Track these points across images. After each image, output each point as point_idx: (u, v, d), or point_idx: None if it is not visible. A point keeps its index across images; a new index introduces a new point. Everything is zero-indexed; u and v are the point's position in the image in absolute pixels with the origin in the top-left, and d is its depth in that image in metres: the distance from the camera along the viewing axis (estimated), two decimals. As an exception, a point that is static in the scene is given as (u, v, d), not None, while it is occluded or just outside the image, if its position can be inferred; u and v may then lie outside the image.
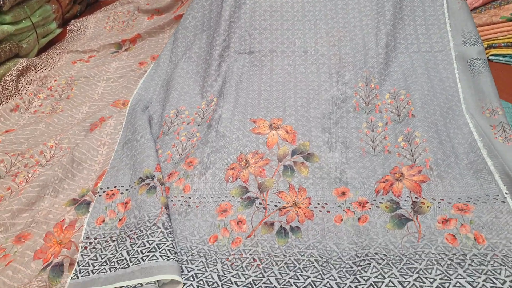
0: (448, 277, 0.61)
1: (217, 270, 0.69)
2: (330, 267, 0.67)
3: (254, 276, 0.67)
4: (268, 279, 0.66)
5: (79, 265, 0.72)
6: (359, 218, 0.74)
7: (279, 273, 0.67)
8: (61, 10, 1.73)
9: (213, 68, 1.15)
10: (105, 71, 1.39)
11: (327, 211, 0.77)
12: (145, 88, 1.19)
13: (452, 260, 0.63)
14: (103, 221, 0.80)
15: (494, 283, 0.59)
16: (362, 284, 0.62)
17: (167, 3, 1.75)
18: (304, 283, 0.65)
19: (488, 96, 0.95)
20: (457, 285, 0.59)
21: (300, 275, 0.66)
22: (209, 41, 1.20)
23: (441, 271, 0.62)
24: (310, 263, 0.68)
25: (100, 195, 0.86)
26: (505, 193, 0.71)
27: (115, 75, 1.36)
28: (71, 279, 0.70)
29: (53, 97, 1.28)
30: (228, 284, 0.66)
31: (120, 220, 0.80)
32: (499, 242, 0.65)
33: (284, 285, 0.65)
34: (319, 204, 0.79)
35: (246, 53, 1.15)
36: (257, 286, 0.65)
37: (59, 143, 1.04)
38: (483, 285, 0.59)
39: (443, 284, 0.60)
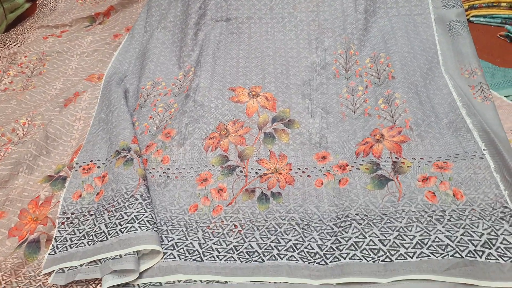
0: (427, 233, 0.61)
1: (198, 238, 0.68)
2: (311, 230, 0.67)
3: (236, 242, 0.66)
4: (250, 244, 0.66)
5: (56, 241, 0.70)
6: (339, 181, 0.74)
7: (260, 237, 0.66)
8: (29, -17, 1.64)
9: (190, 37, 1.11)
10: (78, 45, 1.34)
11: (308, 176, 0.77)
12: (120, 60, 1.15)
13: (432, 217, 0.63)
14: (80, 195, 0.78)
15: (472, 236, 0.59)
16: (343, 245, 0.62)
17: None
18: (285, 246, 0.64)
19: (467, 57, 0.95)
20: (436, 240, 0.59)
21: (281, 238, 0.66)
22: (184, 9, 1.15)
23: (421, 227, 0.62)
24: (291, 226, 0.68)
25: (76, 170, 0.83)
26: (483, 149, 0.71)
27: (89, 49, 1.31)
28: (49, 254, 0.68)
29: (24, 74, 1.23)
30: (209, 251, 0.65)
31: (97, 194, 0.78)
32: (477, 197, 0.65)
33: (265, 249, 0.64)
34: (299, 169, 0.79)
35: (223, 20, 1.12)
36: (238, 251, 0.65)
37: (32, 120, 1.00)
38: (461, 238, 0.59)
39: (422, 240, 0.60)
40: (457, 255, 0.57)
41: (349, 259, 0.59)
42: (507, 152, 0.68)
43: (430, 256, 0.57)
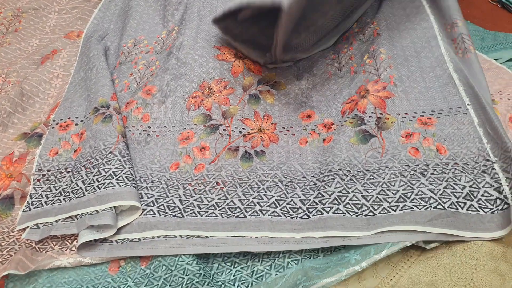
0: (410, 187, 0.60)
1: (179, 195, 0.66)
2: (294, 186, 0.65)
3: (218, 199, 0.65)
4: (232, 200, 0.64)
5: (31, 197, 0.68)
6: (324, 139, 0.72)
7: (243, 194, 0.65)
8: None
9: (174, -5, 1.06)
10: (56, 2, 1.27)
11: (292, 134, 0.75)
12: (100, 18, 1.09)
13: (415, 171, 0.63)
14: (57, 152, 0.75)
15: (454, 188, 0.59)
16: (326, 199, 0.61)
17: None
18: (268, 202, 0.63)
19: (448, 10, 0.87)
20: (419, 194, 0.59)
21: (263, 195, 0.64)
22: (168, -36, 1.09)
23: (404, 182, 0.61)
24: (274, 183, 0.66)
25: (53, 127, 0.80)
26: (467, 104, 0.69)
27: (68, 6, 1.24)
28: (23, 211, 0.66)
29: (-1, 31, 1.17)
30: (190, 208, 0.64)
31: (75, 151, 0.75)
32: (460, 152, 0.64)
33: (248, 205, 0.63)
34: (284, 128, 0.77)
35: (209, -23, 1.06)
36: (220, 207, 0.63)
37: (6, 77, 0.95)
38: (443, 191, 0.59)
39: (406, 194, 0.59)
40: (439, 206, 0.57)
41: (332, 213, 0.59)
42: (489, 105, 0.67)
43: (413, 208, 0.57)
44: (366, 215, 0.58)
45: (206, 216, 0.62)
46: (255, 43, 0.87)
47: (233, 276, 0.58)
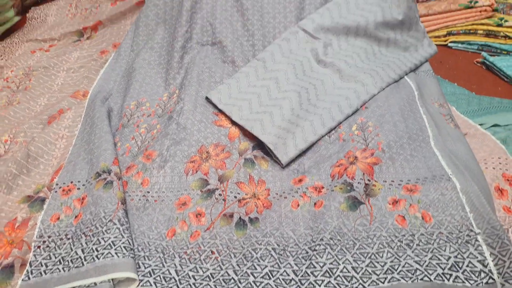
0: (398, 259, 0.63)
1: (175, 265, 0.68)
2: (287, 255, 0.67)
3: (212, 269, 0.67)
4: (226, 271, 0.66)
5: (31, 266, 0.69)
6: (315, 203, 0.75)
7: (237, 264, 0.67)
8: (19, -3, 1.64)
9: (176, 60, 1.12)
10: (65, 60, 1.34)
11: (284, 197, 0.78)
12: (105, 79, 1.16)
13: (402, 242, 0.65)
14: (58, 218, 0.78)
15: (439, 259, 0.61)
16: (317, 270, 0.63)
17: (130, -12, 1.69)
18: (261, 272, 0.65)
19: (435, 94, 0.97)
20: (405, 266, 0.61)
21: (257, 264, 0.66)
22: (171, 31, 1.16)
23: (392, 253, 0.64)
24: (268, 251, 0.68)
25: (55, 191, 0.83)
26: (450, 174, 0.72)
27: (75, 65, 1.31)
28: (22, 280, 0.67)
29: (10, 89, 1.22)
30: (186, 279, 0.65)
31: (76, 217, 0.77)
32: (444, 219, 0.66)
33: (242, 276, 0.65)
34: (277, 194, 0.80)
35: (208, 44, 1.13)
36: (215, 279, 0.65)
37: (14, 137, 1.00)
38: (429, 262, 0.61)
39: (393, 266, 0.62)
40: (426, 278, 0.59)
41: (324, 286, 0.60)
42: (475, 175, 0.69)
43: (400, 280, 0.59)
44: (356, 287, 0.60)
45: (201, 288, 0.64)
46: None
47: None
